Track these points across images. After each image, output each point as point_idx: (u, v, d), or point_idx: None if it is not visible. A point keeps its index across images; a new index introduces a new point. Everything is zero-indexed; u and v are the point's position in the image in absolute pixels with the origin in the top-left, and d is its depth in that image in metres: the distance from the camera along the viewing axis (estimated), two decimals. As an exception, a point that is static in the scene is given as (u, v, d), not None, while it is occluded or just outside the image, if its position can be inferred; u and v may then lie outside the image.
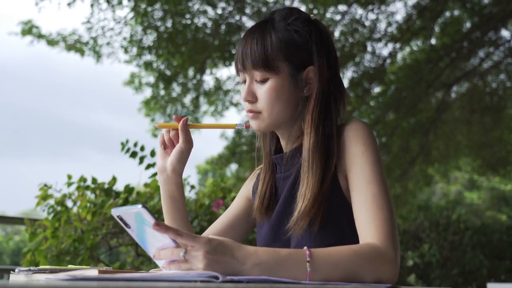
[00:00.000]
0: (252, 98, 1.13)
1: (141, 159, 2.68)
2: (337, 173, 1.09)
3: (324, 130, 1.10)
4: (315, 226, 1.05)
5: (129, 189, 2.58)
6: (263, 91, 1.12)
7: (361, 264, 0.90)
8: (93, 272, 0.83)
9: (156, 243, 0.87)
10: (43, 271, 0.91)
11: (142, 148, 2.69)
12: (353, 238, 1.04)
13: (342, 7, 6.62)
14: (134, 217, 0.85)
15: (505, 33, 8.51)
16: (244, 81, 1.16)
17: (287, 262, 0.86)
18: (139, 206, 0.80)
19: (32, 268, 0.92)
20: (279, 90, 1.12)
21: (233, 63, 1.21)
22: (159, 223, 0.80)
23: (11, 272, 0.96)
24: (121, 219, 0.87)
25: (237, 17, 6.44)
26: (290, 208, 1.11)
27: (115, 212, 0.86)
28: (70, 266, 1.02)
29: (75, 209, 2.54)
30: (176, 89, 7.43)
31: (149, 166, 2.70)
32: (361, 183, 1.04)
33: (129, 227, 0.88)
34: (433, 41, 7.65)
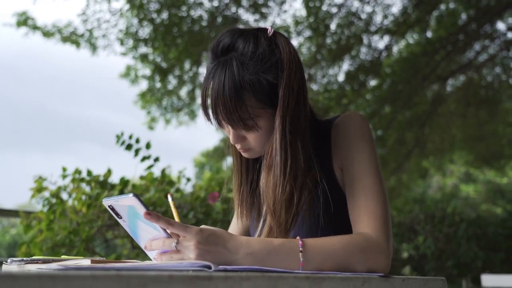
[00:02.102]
0: (241, 141, 1.09)
1: (137, 152, 2.67)
2: (333, 164, 1.09)
3: (287, 139, 1.03)
4: (312, 215, 1.06)
5: (124, 182, 2.57)
6: (250, 136, 1.07)
7: (354, 254, 0.91)
8: (85, 262, 0.83)
9: (147, 235, 0.87)
10: (36, 261, 0.91)
11: (137, 141, 2.68)
12: (343, 228, 1.04)
13: (338, 0, 6.60)
14: (127, 210, 0.85)
15: (501, 26, 8.51)
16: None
17: (280, 252, 0.86)
18: (130, 195, 0.80)
19: (24, 258, 0.92)
20: (267, 130, 1.06)
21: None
22: (150, 212, 0.79)
23: (4, 262, 0.96)
24: (113, 209, 0.86)
25: (234, 9, 6.41)
26: None
27: (107, 201, 0.85)
28: (63, 257, 1.02)
29: (70, 202, 2.53)
30: (172, 81, 7.41)
31: (144, 158, 2.69)
32: (356, 174, 1.04)
33: (121, 218, 0.88)
34: (428, 34, 7.64)
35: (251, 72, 1.01)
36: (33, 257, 0.95)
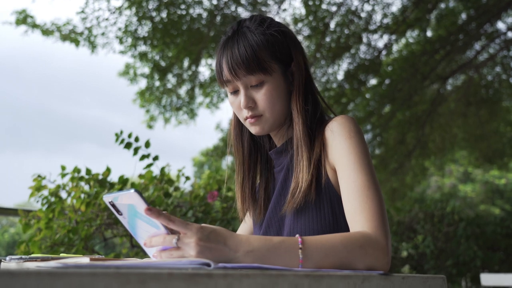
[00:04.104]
0: (252, 104, 1.15)
1: (136, 150, 2.66)
2: (325, 164, 1.11)
3: (306, 119, 1.15)
4: (308, 203, 1.09)
5: (123, 180, 2.56)
6: (261, 94, 1.14)
7: (353, 251, 0.91)
8: (84, 260, 0.83)
9: (146, 234, 0.87)
10: (35, 259, 0.91)
11: (136, 139, 2.67)
12: (336, 227, 1.06)
13: (338, -2, 6.59)
14: (127, 208, 0.85)
15: (501, 25, 8.51)
16: (234, 91, 1.17)
17: (280, 249, 0.86)
18: (132, 190, 0.80)
19: (23, 256, 0.92)
20: (277, 89, 1.15)
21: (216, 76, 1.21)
22: (151, 208, 0.79)
23: (2, 260, 0.95)
24: (113, 205, 0.86)
25: (233, 8, 6.40)
26: (284, 192, 1.16)
27: (107, 198, 0.85)
28: (62, 255, 1.02)
29: (69, 200, 2.53)
30: (171, 80, 7.40)
31: (143, 157, 2.68)
32: (349, 174, 1.05)
33: (121, 214, 0.87)
34: (428, 33, 7.64)
35: (259, 33, 1.14)
36: (32, 255, 0.94)
